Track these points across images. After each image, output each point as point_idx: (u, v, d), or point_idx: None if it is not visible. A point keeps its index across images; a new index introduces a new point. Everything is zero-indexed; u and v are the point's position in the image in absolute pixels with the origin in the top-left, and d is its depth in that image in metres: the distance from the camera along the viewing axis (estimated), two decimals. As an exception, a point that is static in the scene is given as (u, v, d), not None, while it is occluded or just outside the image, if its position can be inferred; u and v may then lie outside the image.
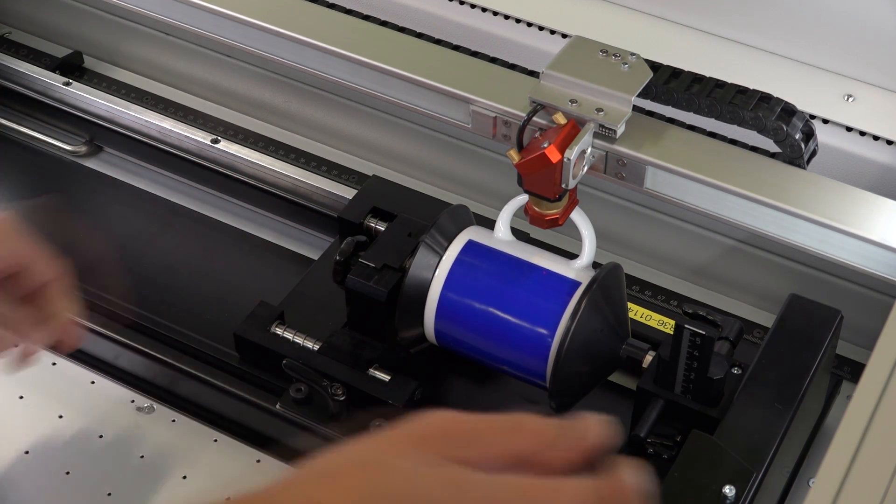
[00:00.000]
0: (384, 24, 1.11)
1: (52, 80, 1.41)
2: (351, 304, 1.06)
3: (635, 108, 0.98)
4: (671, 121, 1.01)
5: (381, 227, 1.12)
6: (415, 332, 1.03)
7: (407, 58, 1.06)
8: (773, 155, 0.98)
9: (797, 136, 0.95)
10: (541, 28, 1.24)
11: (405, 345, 1.04)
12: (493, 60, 1.07)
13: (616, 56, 0.99)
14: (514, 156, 0.96)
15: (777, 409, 0.94)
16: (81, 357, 1.16)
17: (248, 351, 1.09)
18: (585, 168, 0.96)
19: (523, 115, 0.98)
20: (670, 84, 0.98)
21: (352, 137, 1.38)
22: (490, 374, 1.11)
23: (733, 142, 0.99)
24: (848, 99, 1.15)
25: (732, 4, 1.19)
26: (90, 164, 1.40)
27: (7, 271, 0.92)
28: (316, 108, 1.40)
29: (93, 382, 1.14)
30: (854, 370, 1.13)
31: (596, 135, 0.97)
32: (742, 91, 0.97)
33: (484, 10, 1.26)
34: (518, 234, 1.04)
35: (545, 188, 0.95)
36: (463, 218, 1.04)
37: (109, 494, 1.05)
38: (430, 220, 1.03)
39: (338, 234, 1.17)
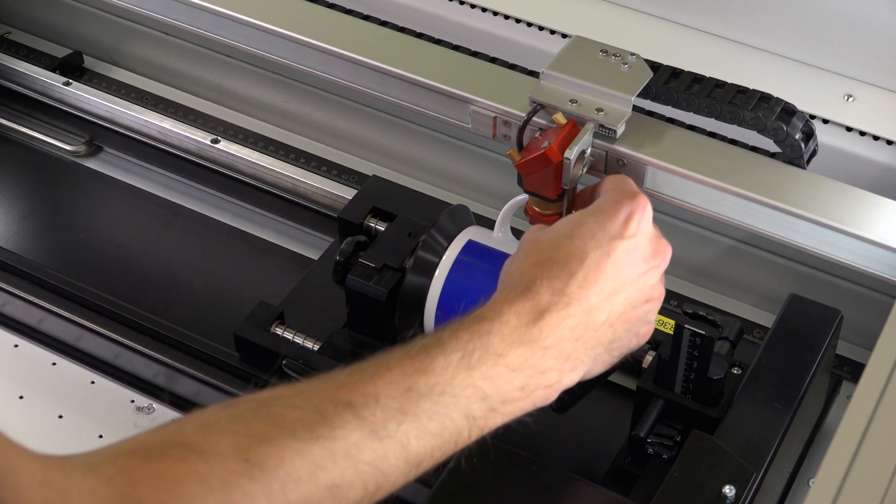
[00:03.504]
0: (384, 24, 1.10)
1: (52, 80, 1.41)
2: (351, 304, 1.06)
3: (635, 108, 0.97)
4: (671, 121, 1.01)
5: (381, 227, 1.12)
6: (415, 332, 1.02)
7: (407, 58, 1.06)
8: (773, 155, 0.98)
9: (797, 136, 0.95)
10: (541, 28, 1.24)
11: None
12: (493, 60, 1.07)
13: (616, 56, 0.99)
14: (515, 156, 0.96)
15: (777, 409, 0.94)
16: (81, 357, 1.16)
17: (248, 351, 1.09)
18: (585, 168, 0.96)
19: (523, 115, 0.98)
20: (670, 84, 0.98)
21: (352, 137, 1.38)
22: (490, 374, 1.10)
23: (733, 142, 0.99)
24: (848, 99, 1.15)
25: (732, 4, 1.19)
26: (90, 164, 1.40)
27: None
28: (316, 108, 1.40)
29: (93, 382, 1.14)
30: (854, 370, 1.13)
31: (596, 135, 0.97)
32: (742, 91, 0.97)
33: (484, 10, 1.26)
34: (518, 234, 1.04)
35: (545, 188, 0.95)
36: (463, 218, 1.04)
37: (109, 494, 1.05)
38: (430, 220, 1.03)
39: (338, 234, 1.17)
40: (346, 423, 0.69)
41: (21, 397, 1.12)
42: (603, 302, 0.80)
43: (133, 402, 1.12)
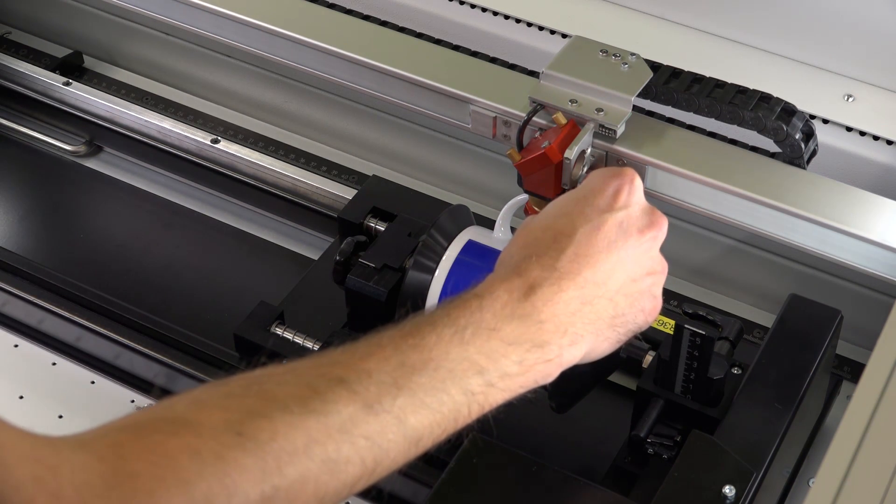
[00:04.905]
0: (384, 24, 1.11)
1: (52, 80, 1.41)
2: (351, 304, 1.06)
3: (635, 108, 0.98)
4: (671, 121, 1.01)
5: (381, 227, 1.12)
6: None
7: (407, 58, 1.06)
8: (773, 155, 0.98)
9: (797, 136, 0.95)
10: (541, 28, 1.24)
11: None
12: (493, 60, 1.07)
13: (616, 56, 0.99)
14: (514, 156, 0.96)
15: (777, 409, 0.94)
16: (81, 357, 1.16)
17: (248, 351, 1.09)
18: (585, 168, 0.96)
19: (523, 115, 0.98)
20: (670, 84, 0.98)
21: (352, 137, 1.38)
22: (490, 374, 1.10)
23: (733, 142, 0.99)
24: (848, 99, 1.15)
25: (732, 4, 1.19)
26: (90, 164, 1.40)
27: None
28: (316, 108, 1.40)
29: (93, 382, 1.14)
30: (854, 370, 1.13)
31: (596, 135, 0.97)
32: (742, 91, 0.97)
33: (484, 10, 1.26)
34: (518, 234, 1.04)
35: (545, 188, 0.95)
36: (463, 218, 1.04)
37: (109, 494, 1.05)
38: (430, 220, 1.03)
39: (338, 234, 1.17)
40: (338, 398, 0.68)
41: (21, 397, 1.12)
42: (597, 275, 0.79)
43: (133, 402, 1.12)
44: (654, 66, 0.99)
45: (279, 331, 1.08)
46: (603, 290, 0.79)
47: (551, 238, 0.80)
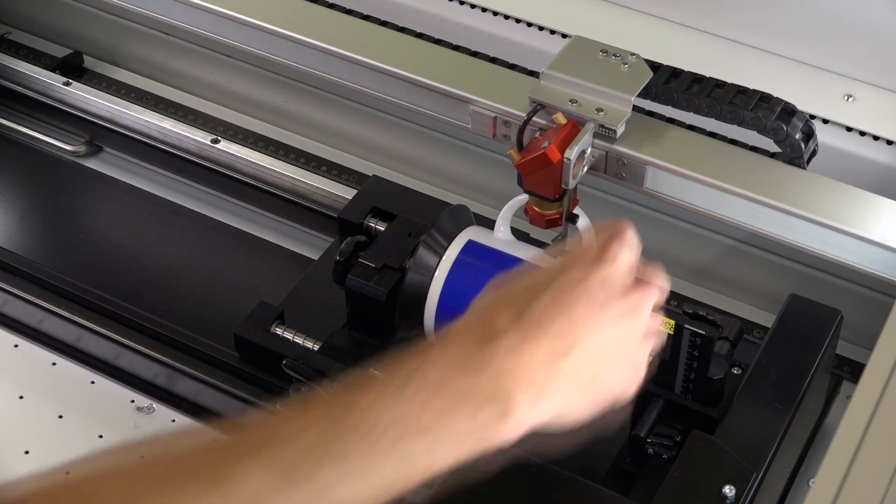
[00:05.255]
0: (384, 24, 1.11)
1: (52, 80, 1.41)
2: (351, 304, 1.06)
3: (635, 108, 0.97)
4: (671, 121, 1.01)
5: (381, 227, 1.12)
6: (415, 332, 1.02)
7: (407, 58, 1.06)
8: (773, 155, 0.98)
9: (797, 136, 0.95)
10: (541, 28, 1.24)
11: (405, 345, 1.04)
12: (493, 60, 1.07)
13: (616, 56, 0.99)
14: (514, 156, 0.96)
15: (777, 409, 0.94)
16: (81, 357, 1.16)
17: (248, 351, 1.09)
18: (585, 168, 0.96)
19: (523, 115, 0.98)
20: (670, 84, 0.98)
21: (352, 137, 1.38)
22: (490, 374, 1.10)
23: (733, 142, 0.99)
24: (848, 99, 1.15)
25: (732, 4, 1.19)
26: (90, 164, 1.40)
27: None
28: (316, 108, 1.40)
29: (93, 382, 1.14)
30: (854, 370, 1.13)
31: (596, 135, 0.97)
32: (742, 91, 0.97)
33: (484, 10, 1.26)
34: (518, 234, 1.04)
35: (545, 188, 0.95)
36: (463, 218, 1.04)
37: (109, 494, 1.05)
38: (430, 220, 1.03)
39: (338, 234, 1.17)
40: (252, 466, 0.61)
41: (21, 397, 1.12)
42: (573, 327, 0.70)
43: (133, 402, 1.12)
44: (654, 66, 0.99)
45: (279, 331, 1.08)
46: (578, 346, 0.70)
47: (526, 286, 0.72)
